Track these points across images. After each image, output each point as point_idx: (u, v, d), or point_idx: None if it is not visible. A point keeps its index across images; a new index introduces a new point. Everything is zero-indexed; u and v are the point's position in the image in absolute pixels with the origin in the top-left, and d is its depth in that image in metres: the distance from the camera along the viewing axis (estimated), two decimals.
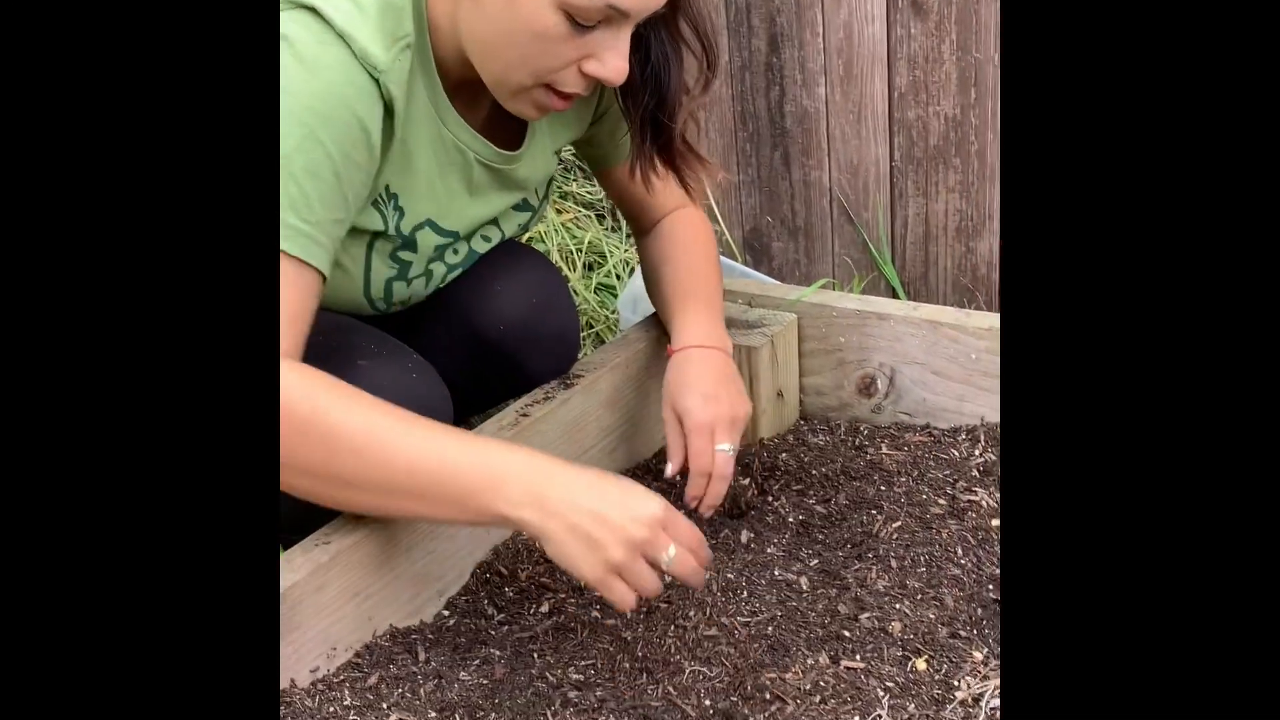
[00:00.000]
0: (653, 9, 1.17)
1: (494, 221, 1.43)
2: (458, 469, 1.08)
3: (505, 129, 1.37)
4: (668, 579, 1.14)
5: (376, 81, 1.15)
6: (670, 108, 1.30)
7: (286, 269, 1.12)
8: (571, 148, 1.56)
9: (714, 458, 1.33)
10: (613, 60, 1.17)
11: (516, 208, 1.46)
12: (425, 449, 1.09)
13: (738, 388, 1.40)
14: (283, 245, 1.10)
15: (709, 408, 1.34)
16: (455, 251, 1.41)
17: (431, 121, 1.27)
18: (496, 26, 1.17)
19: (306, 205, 1.12)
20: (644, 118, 1.32)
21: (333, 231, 1.16)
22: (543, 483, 1.08)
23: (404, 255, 1.33)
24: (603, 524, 1.06)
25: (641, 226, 1.59)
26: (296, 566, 1.13)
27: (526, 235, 2.18)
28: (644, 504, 1.08)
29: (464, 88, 1.29)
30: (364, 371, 1.25)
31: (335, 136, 1.12)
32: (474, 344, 1.48)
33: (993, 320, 1.52)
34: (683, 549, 1.10)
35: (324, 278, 1.16)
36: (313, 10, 1.12)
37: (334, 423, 1.08)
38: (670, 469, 1.37)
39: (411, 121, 1.24)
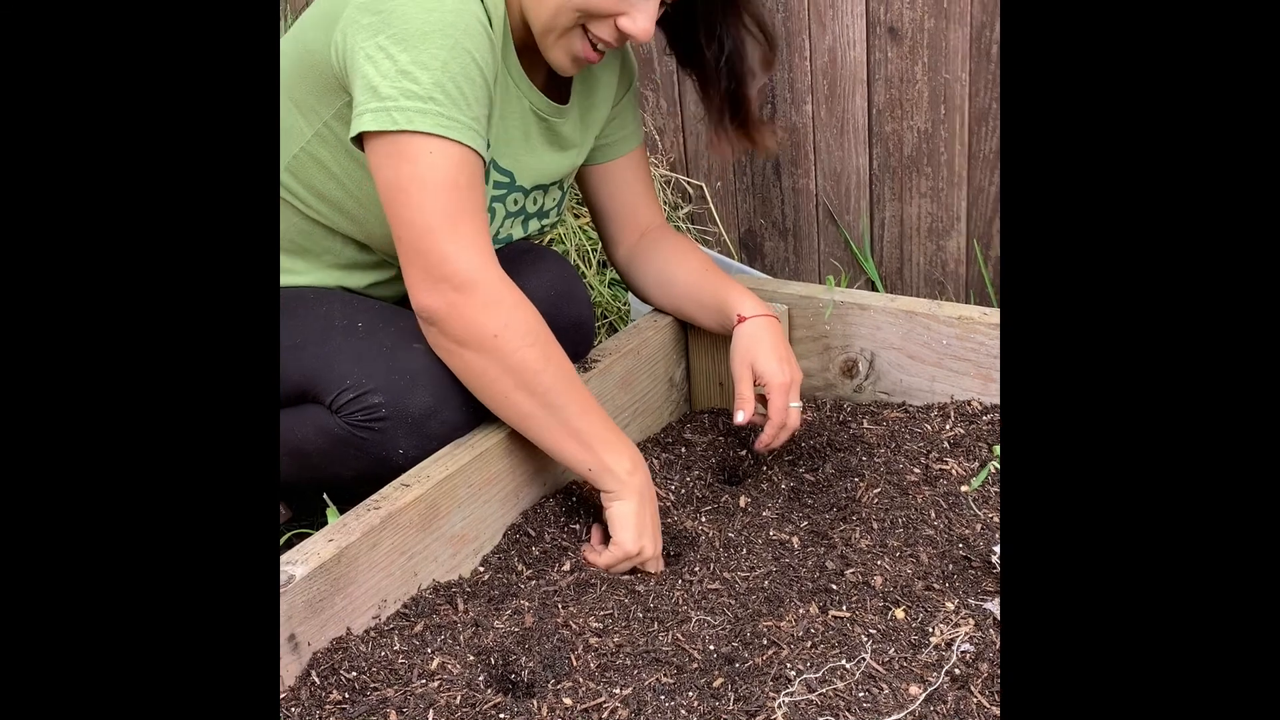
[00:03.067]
0: None
1: (542, 189, 1.46)
2: (603, 426, 1.26)
3: (553, 94, 1.42)
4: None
5: (482, 2, 1.22)
6: (745, 87, 1.39)
7: (464, 160, 1.19)
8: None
9: (790, 413, 1.41)
10: (642, 20, 1.25)
11: (556, 185, 1.49)
12: (591, 404, 1.26)
13: (793, 352, 1.47)
14: (459, 138, 1.18)
15: (785, 370, 1.42)
16: (515, 201, 1.43)
17: (503, 69, 1.32)
18: None
19: (466, 103, 1.19)
20: (723, 98, 1.41)
21: (485, 128, 1.23)
22: (639, 474, 1.27)
23: None
24: (655, 526, 1.28)
25: (625, 235, 1.59)
26: (351, 529, 1.13)
27: (548, 238, 2.19)
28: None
29: (524, 52, 1.34)
30: (419, 353, 1.26)
31: (476, 46, 1.20)
32: None
33: (961, 310, 1.52)
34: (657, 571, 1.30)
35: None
36: None
37: (556, 354, 1.24)
38: (743, 418, 1.41)
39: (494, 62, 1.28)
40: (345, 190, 1.35)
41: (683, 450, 1.52)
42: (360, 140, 1.21)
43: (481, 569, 1.27)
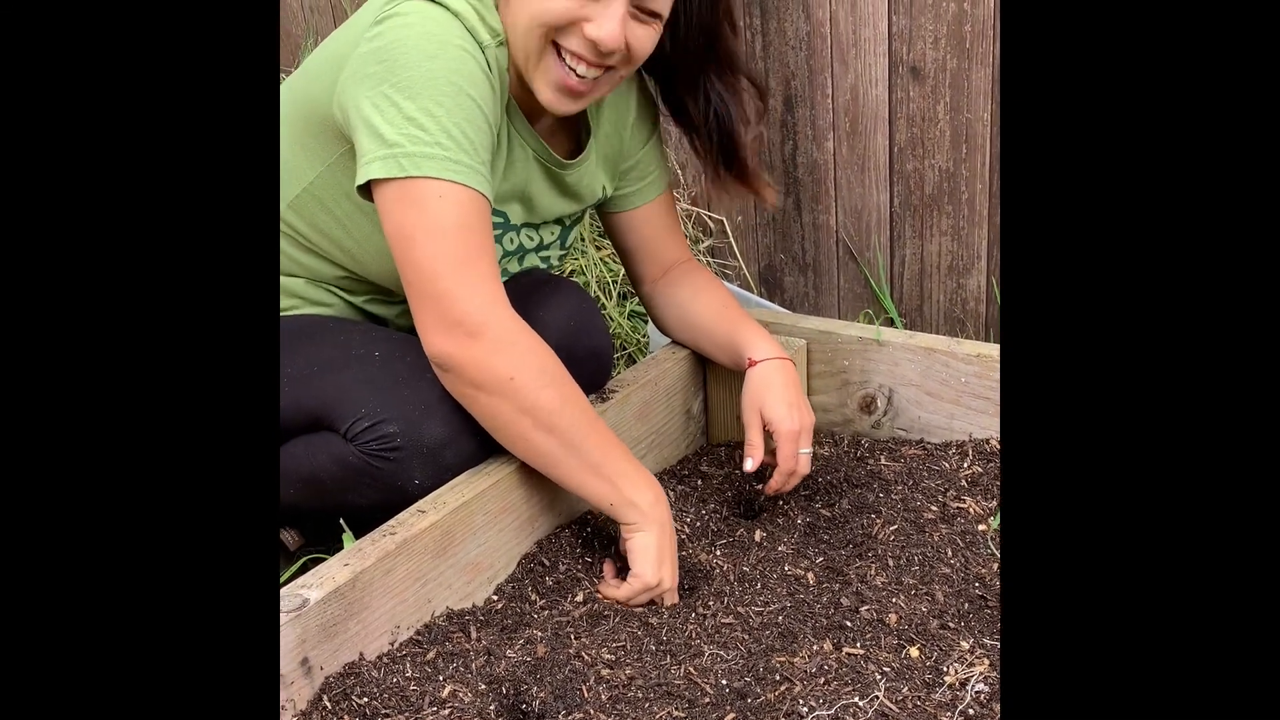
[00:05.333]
0: None
1: (535, 226, 1.46)
2: (624, 460, 1.26)
3: (562, 144, 1.42)
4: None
5: (484, 51, 1.23)
6: (737, 139, 1.39)
7: (473, 204, 1.19)
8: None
9: (798, 460, 1.39)
10: (608, 25, 1.22)
11: (556, 222, 1.49)
12: (610, 439, 1.26)
13: (805, 397, 1.45)
14: (468, 182, 1.18)
15: (795, 417, 1.40)
16: (511, 240, 1.43)
17: (504, 118, 1.32)
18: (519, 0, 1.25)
19: (472, 148, 1.19)
20: (716, 151, 1.40)
21: (490, 171, 1.23)
22: (660, 505, 1.27)
23: None
24: (673, 558, 1.27)
25: (650, 272, 1.59)
26: (366, 554, 1.13)
27: (568, 269, 2.19)
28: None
29: (525, 105, 1.34)
30: (434, 384, 1.26)
31: (480, 93, 1.21)
32: None
33: (980, 348, 1.51)
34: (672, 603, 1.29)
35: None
36: None
37: (572, 391, 1.24)
38: (751, 465, 1.40)
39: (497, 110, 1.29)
40: (345, 230, 1.37)
41: (699, 483, 1.51)
42: (367, 188, 1.21)
43: (495, 598, 1.26)
